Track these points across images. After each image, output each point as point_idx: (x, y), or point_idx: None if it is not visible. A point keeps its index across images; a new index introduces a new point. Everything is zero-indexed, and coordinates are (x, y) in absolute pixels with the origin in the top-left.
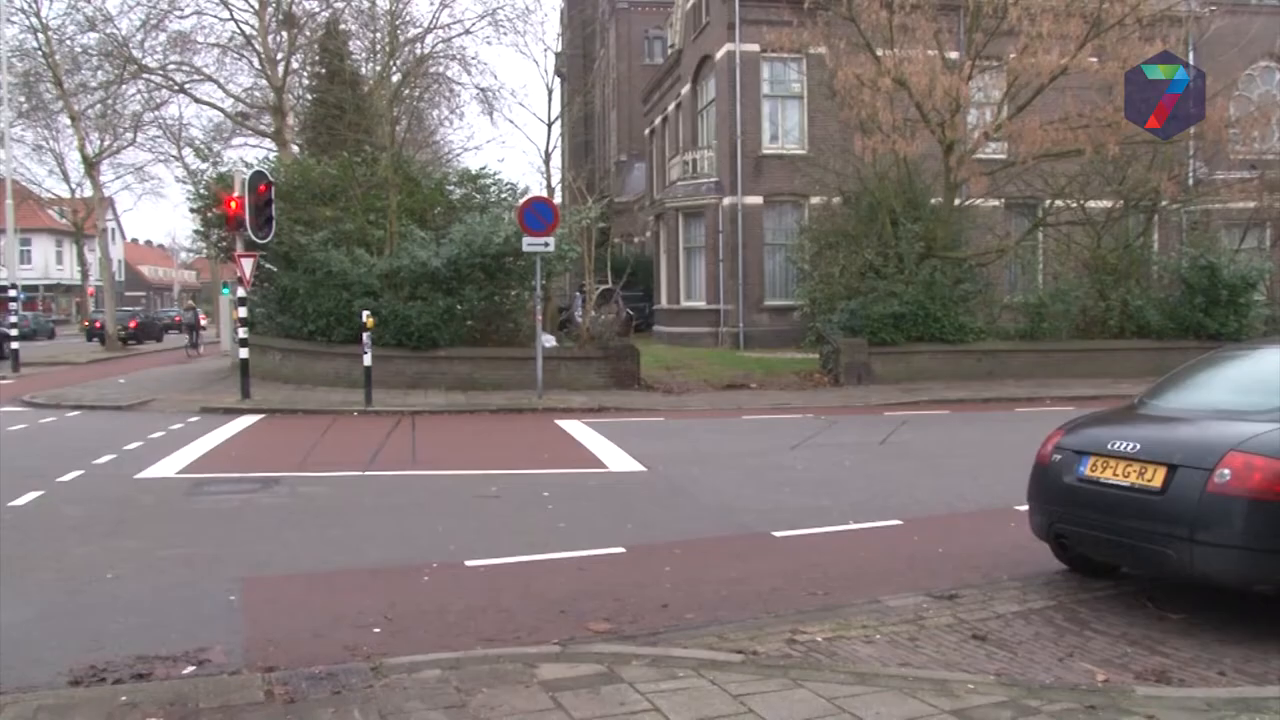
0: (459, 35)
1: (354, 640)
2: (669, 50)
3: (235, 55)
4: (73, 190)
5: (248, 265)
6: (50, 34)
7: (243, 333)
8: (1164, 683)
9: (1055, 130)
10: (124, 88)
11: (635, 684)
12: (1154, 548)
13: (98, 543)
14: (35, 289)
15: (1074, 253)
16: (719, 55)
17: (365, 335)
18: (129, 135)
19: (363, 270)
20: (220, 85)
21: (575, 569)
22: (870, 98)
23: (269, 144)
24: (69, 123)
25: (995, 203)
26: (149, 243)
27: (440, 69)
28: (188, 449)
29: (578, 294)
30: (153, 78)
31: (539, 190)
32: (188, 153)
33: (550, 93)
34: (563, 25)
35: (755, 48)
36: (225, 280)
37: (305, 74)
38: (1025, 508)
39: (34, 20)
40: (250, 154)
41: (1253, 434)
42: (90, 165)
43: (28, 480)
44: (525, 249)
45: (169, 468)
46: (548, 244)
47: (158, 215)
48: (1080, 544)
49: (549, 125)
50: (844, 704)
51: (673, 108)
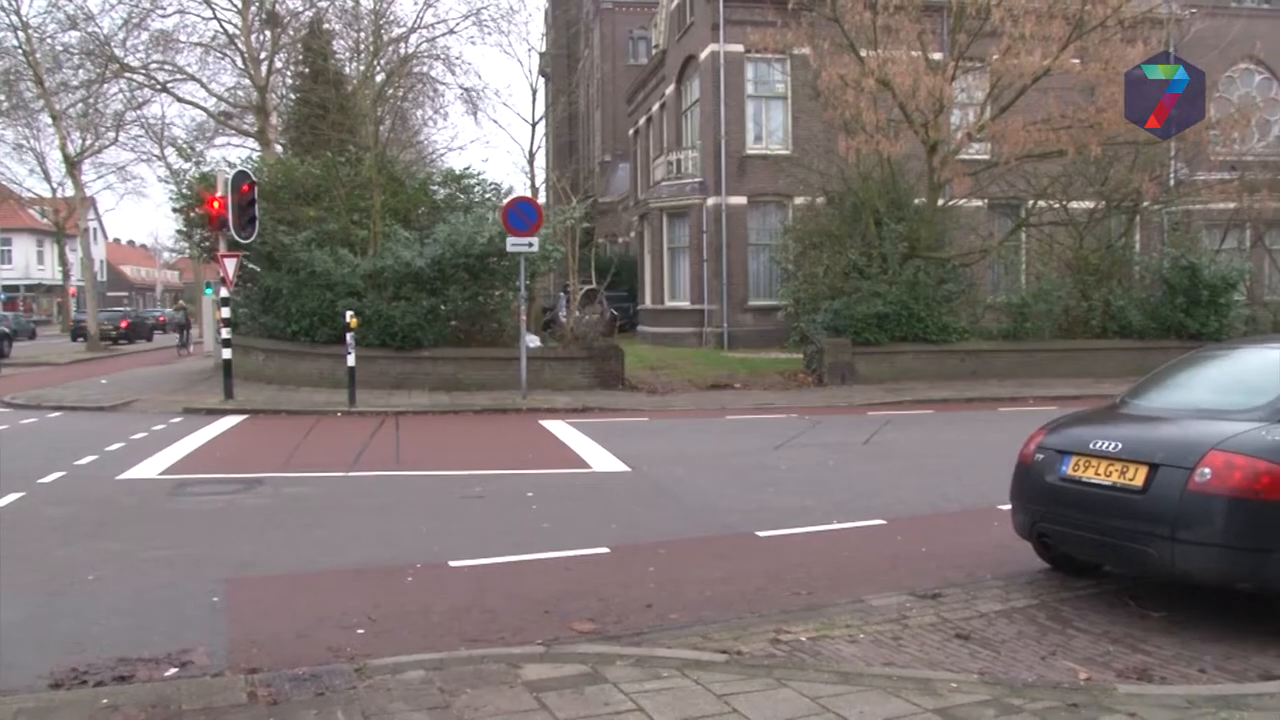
0: (443, 35)
1: (338, 641)
2: (653, 50)
3: (218, 54)
4: (54, 190)
5: (231, 265)
6: (31, 32)
7: (226, 333)
8: (1146, 680)
9: (1038, 131)
10: (106, 87)
11: (619, 684)
12: (1136, 546)
13: (79, 544)
14: (16, 289)
15: (1056, 253)
16: (703, 55)
17: (349, 336)
18: (111, 134)
19: (346, 270)
20: (203, 84)
21: (559, 569)
22: (854, 98)
23: (252, 144)
24: (50, 122)
25: (978, 203)
26: (131, 243)
27: (424, 69)
28: (170, 450)
29: (562, 294)
30: (135, 77)
31: (523, 190)
32: (170, 152)
33: (534, 93)
34: (547, 25)
35: (739, 48)
36: (208, 280)
37: (289, 73)
38: (1008, 507)
39: (14, 18)
40: (233, 154)
41: (1233, 433)
42: (72, 164)
43: (8, 481)
44: (509, 249)
45: (151, 469)
46: (532, 244)
47: (140, 215)
48: (1063, 543)
49: (533, 125)
50: (828, 703)
51: (657, 108)
